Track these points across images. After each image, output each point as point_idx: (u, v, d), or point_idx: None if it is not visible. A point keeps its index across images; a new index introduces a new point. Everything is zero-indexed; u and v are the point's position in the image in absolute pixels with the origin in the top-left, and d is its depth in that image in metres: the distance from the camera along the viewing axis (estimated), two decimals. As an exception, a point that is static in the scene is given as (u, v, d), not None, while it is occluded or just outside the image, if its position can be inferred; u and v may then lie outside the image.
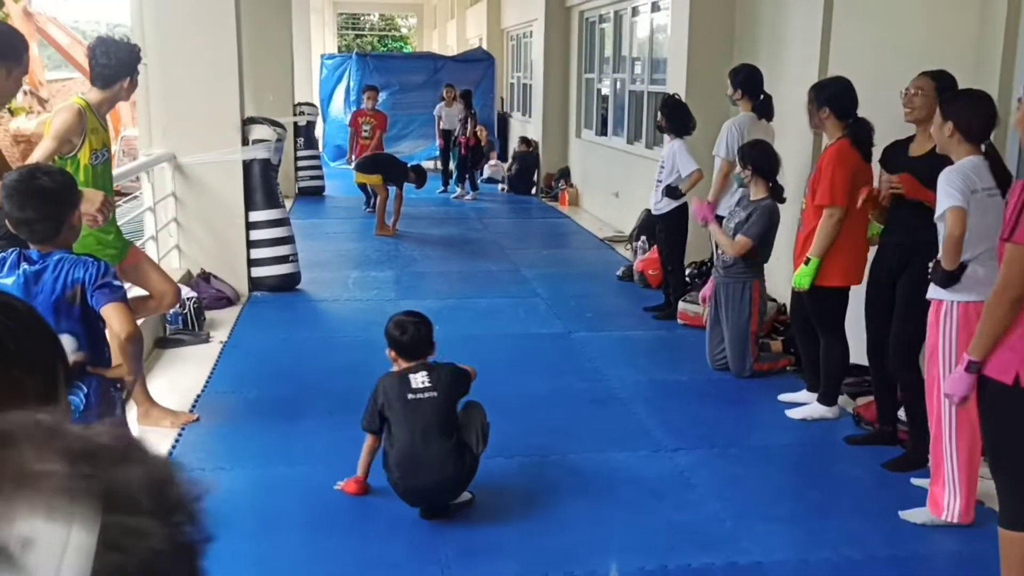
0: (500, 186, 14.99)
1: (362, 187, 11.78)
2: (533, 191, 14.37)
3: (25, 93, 18.38)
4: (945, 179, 3.62)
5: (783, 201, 5.66)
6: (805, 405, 5.18)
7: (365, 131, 12.69)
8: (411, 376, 3.83)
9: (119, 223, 4.79)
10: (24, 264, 2.71)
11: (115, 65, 4.30)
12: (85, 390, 2.61)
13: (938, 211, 3.64)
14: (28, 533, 0.43)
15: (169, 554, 0.46)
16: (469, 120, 14.00)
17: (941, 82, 4.27)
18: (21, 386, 0.76)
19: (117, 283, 2.86)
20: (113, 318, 2.76)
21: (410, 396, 3.78)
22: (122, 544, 0.44)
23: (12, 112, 14.20)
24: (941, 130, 3.73)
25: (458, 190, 13.93)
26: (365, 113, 12.95)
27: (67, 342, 1.30)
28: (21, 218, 2.74)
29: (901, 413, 4.70)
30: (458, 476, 3.80)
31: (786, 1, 7.03)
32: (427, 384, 3.80)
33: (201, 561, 0.49)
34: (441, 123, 14.39)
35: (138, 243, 5.60)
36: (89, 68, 4.43)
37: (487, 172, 15.51)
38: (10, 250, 2.74)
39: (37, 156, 4.02)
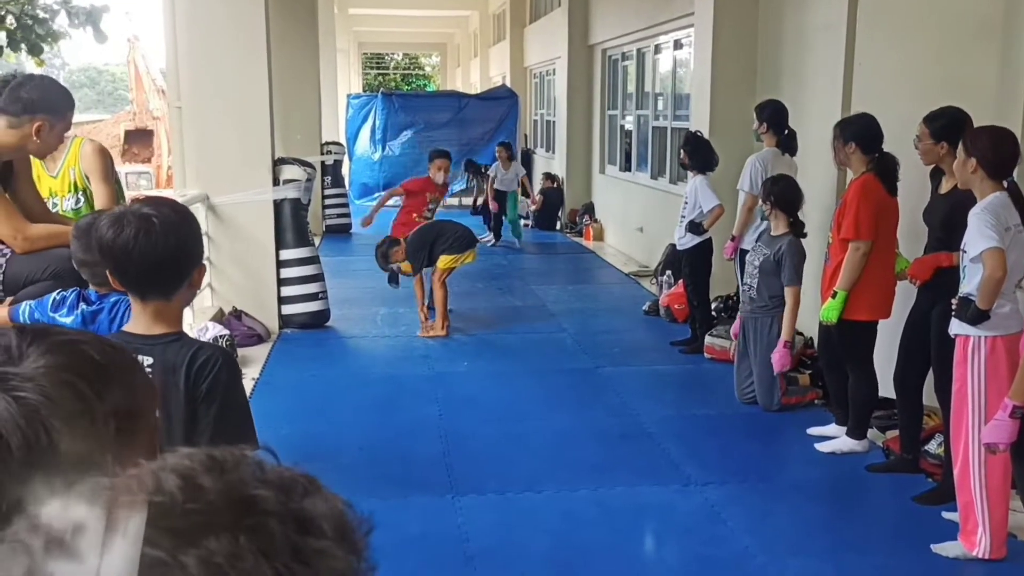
0: (524, 222, 15.07)
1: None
2: (557, 226, 14.46)
3: None
4: (979, 220, 3.60)
5: (803, 236, 5.69)
6: (834, 439, 5.18)
7: (429, 208, 8.74)
8: None
9: None
10: (83, 304, 2.80)
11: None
12: None
13: (973, 251, 3.60)
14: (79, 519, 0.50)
15: None
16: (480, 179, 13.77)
17: (933, 124, 4.33)
18: (155, 437, 0.84)
19: None
20: None
21: None
22: (312, 562, 0.52)
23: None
24: (964, 166, 3.73)
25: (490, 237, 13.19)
26: (433, 186, 8.72)
27: None
28: (86, 259, 2.84)
29: (930, 446, 4.71)
30: None
31: (808, 37, 7.11)
32: None
33: None
34: (495, 183, 13.19)
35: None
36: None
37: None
38: (71, 290, 2.84)
39: (106, 204, 4.21)
